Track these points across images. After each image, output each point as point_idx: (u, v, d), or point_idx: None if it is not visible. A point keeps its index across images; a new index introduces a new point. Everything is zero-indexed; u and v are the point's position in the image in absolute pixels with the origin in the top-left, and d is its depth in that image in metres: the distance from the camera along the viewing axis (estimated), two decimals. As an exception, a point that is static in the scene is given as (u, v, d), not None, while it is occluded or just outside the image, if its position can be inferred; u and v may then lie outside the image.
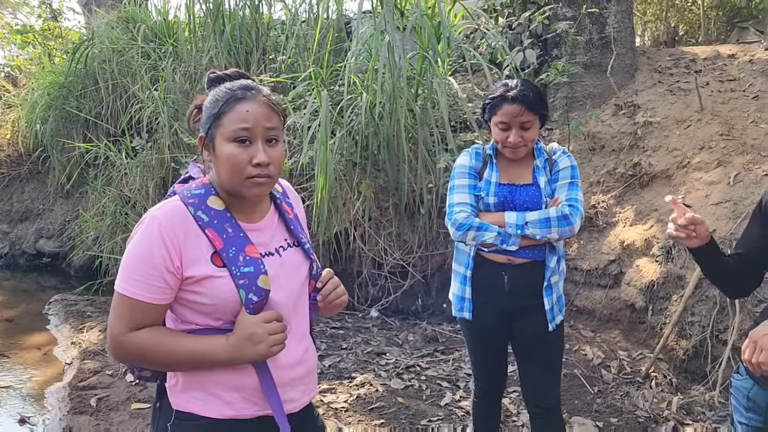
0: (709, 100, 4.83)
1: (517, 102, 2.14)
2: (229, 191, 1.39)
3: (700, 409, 3.29)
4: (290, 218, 1.52)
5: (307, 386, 1.50)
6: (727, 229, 3.68)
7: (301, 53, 5.74)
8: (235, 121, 1.33)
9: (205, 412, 1.38)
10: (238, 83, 1.40)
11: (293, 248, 1.49)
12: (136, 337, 1.32)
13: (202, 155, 1.44)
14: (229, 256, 1.34)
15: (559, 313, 2.29)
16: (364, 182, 4.83)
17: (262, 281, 1.35)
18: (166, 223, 1.32)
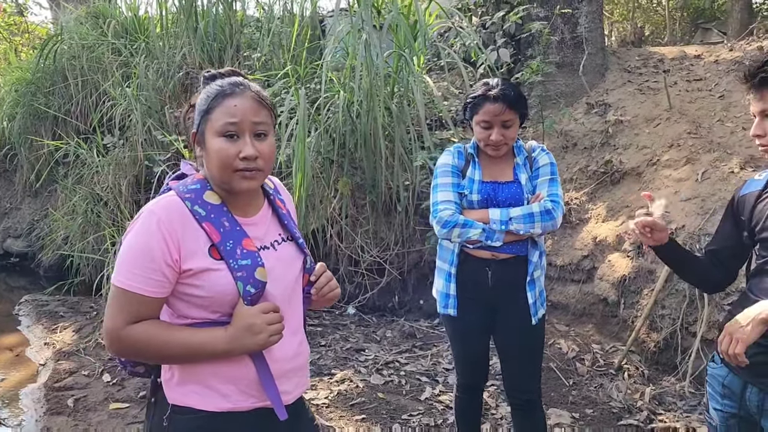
0: (677, 99, 4.96)
1: (499, 101, 2.19)
2: (221, 185, 1.41)
3: (672, 399, 3.40)
4: (284, 213, 1.54)
5: (300, 379, 1.53)
6: (695, 224, 3.80)
7: (276, 51, 5.72)
8: (223, 115, 1.36)
9: (201, 405, 1.39)
10: (228, 80, 1.42)
11: (287, 242, 1.52)
12: (134, 331, 1.33)
13: (193, 151, 1.45)
14: (226, 249, 1.36)
15: (541, 307, 2.35)
16: (341, 180, 4.84)
17: (259, 273, 1.37)
18: (164, 218, 1.34)
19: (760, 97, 1.59)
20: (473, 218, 2.23)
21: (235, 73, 1.46)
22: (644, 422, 3.16)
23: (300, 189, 4.46)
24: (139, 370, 1.52)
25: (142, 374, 1.53)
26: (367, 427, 3.12)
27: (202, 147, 1.41)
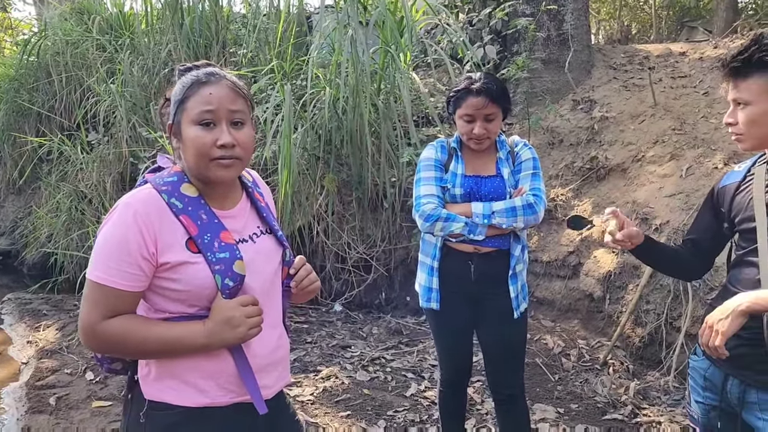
0: (662, 95, 4.99)
1: (481, 95, 2.19)
2: (198, 176, 1.39)
3: (656, 393, 3.41)
4: (262, 206, 1.53)
5: (280, 373, 1.51)
6: (680, 220, 3.82)
7: (263, 47, 5.69)
8: (199, 104, 1.34)
9: (178, 401, 1.37)
10: (203, 70, 1.41)
11: (266, 235, 1.50)
12: (110, 325, 1.31)
13: (170, 143, 1.43)
14: (204, 242, 1.35)
15: (524, 301, 2.35)
16: (327, 176, 4.83)
17: (237, 267, 1.36)
18: (141, 210, 1.31)
19: (734, 86, 1.60)
20: (456, 212, 2.22)
21: (210, 65, 1.44)
22: (628, 417, 3.17)
23: (286, 186, 4.44)
24: (116, 367, 1.50)
25: (119, 371, 1.51)
26: (352, 423, 3.11)
27: (178, 138, 1.39)
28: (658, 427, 3.04)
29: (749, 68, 1.55)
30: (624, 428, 3.07)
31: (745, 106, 1.57)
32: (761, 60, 1.52)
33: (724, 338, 1.50)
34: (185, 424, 1.38)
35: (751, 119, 1.56)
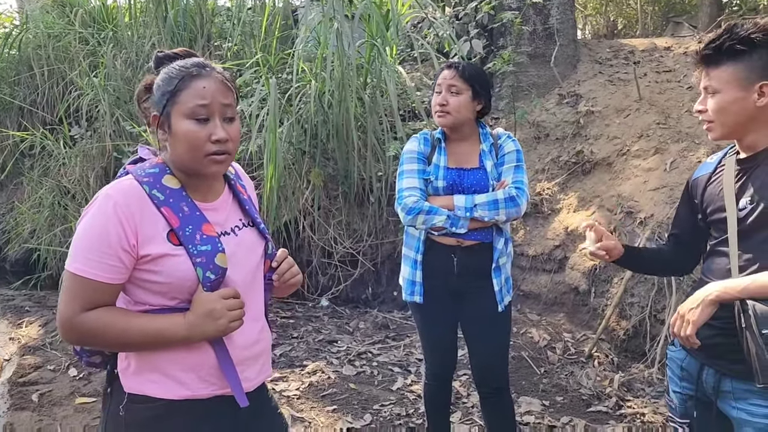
0: (647, 90, 5.01)
1: (451, 68, 2.29)
2: (186, 169, 1.38)
3: (640, 385, 3.44)
4: (245, 198, 1.52)
5: (262, 366, 1.50)
6: (664, 213, 3.84)
7: (248, 40, 5.65)
8: (193, 97, 1.32)
9: (159, 393, 1.36)
10: (191, 61, 1.38)
11: (248, 228, 1.49)
12: (88, 318, 1.30)
13: (156, 134, 1.41)
14: (185, 234, 1.33)
15: (508, 294, 2.35)
16: (313, 171, 4.80)
17: (219, 259, 1.34)
18: (121, 201, 1.30)
19: (705, 74, 1.61)
20: (438, 205, 2.22)
21: (191, 54, 1.42)
22: (613, 408, 3.19)
23: (271, 180, 4.41)
24: (95, 361, 1.48)
25: (99, 365, 1.49)
26: (338, 417, 3.10)
27: (165, 130, 1.37)
28: (642, 418, 3.06)
29: (720, 56, 1.56)
30: (608, 420, 3.09)
31: (715, 94, 1.58)
32: (732, 48, 1.53)
33: (694, 327, 1.52)
34: (166, 416, 1.37)
35: (720, 107, 1.57)
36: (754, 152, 1.59)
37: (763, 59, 1.52)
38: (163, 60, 1.41)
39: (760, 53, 1.52)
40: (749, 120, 1.56)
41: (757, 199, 1.53)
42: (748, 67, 1.52)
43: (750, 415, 1.55)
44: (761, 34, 1.51)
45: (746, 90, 1.53)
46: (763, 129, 1.56)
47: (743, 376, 1.49)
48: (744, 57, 1.53)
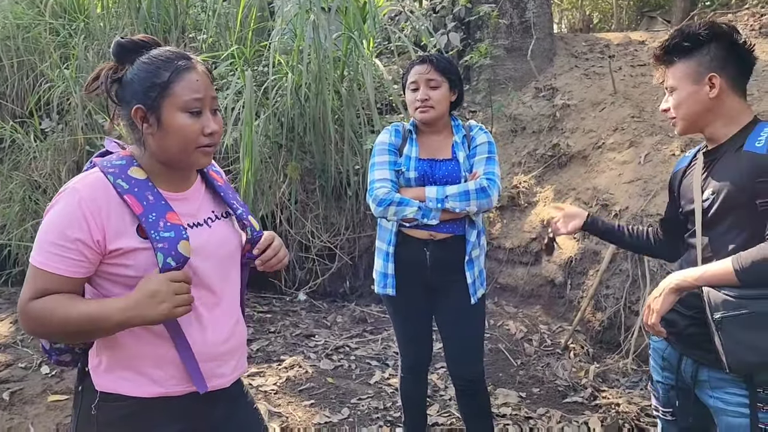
0: (622, 83, 5.05)
1: (425, 62, 2.27)
2: (172, 162, 1.37)
3: (615, 376, 3.48)
4: (220, 185, 1.49)
5: (237, 361, 1.49)
6: (638, 206, 3.89)
7: (223, 32, 5.58)
8: (188, 91, 1.32)
9: (132, 391, 1.34)
10: (173, 51, 1.36)
11: (223, 220, 1.47)
12: (37, 304, 1.27)
13: (133, 127, 1.36)
14: (149, 221, 1.30)
15: (481, 287, 2.35)
16: (290, 164, 4.77)
17: (182, 247, 1.31)
18: (87, 197, 1.27)
19: (665, 74, 1.69)
20: (409, 196, 2.22)
21: (155, 42, 1.38)
22: (588, 399, 3.23)
23: (248, 174, 4.37)
24: (65, 359, 1.45)
25: (68, 363, 1.46)
26: (316, 412, 3.09)
27: (151, 123, 1.33)
28: (617, 408, 3.10)
29: (673, 55, 1.65)
30: (584, 411, 3.12)
31: (673, 91, 1.66)
32: (681, 46, 1.62)
33: (658, 316, 1.57)
34: (139, 414, 1.35)
35: (678, 102, 1.65)
36: (717, 145, 1.65)
37: (710, 53, 1.60)
38: (128, 48, 1.36)
39: (708, 48, 1.60)
40: (706, 112, 1.62)
41: (717, 191, 1.58)
42: (697, 62, 1.61)
43: (725, 403, 1.59)
44: (707, 31, 1.60)
45: (698, 83, 1.60)
46: (719, 120, 1.63)
47: (718, 366, 1.52)
48: (693, 53, 1.61)
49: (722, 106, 1.60)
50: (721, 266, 1.49)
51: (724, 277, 1.47)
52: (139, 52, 1.35)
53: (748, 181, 1.51)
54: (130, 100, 1.34)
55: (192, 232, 1.37)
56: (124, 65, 1.35)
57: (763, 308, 1.41)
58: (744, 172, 1.52)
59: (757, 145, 1.52)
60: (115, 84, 1.36)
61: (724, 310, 1.44)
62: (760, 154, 1.50)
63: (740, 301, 1.43)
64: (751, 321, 1.42)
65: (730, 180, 1.55)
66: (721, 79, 1.58)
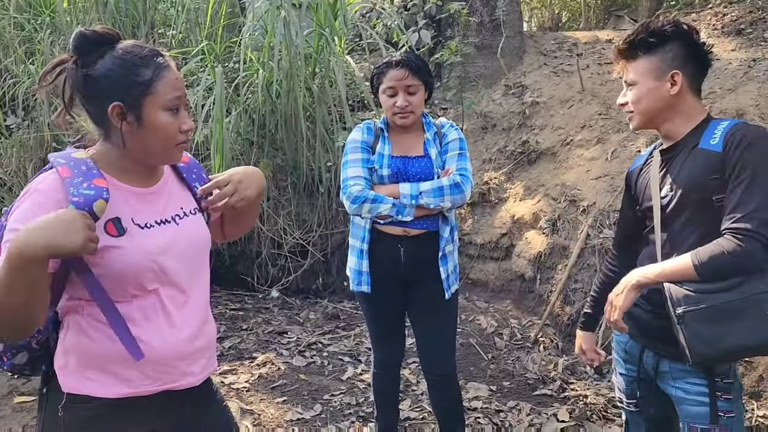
0: (589, 81, 5.14)
1: (401, 66, 2.24)
2: (151, 160, 1.37)
3: (583, 368, 3.55)
4: (183, 166, 1.49)
5: (207, 360, 1.48)
6: (605, 201, 3.96)
7: (193, 28, 5.52)
8: (170, 89, 1.32)
9: (100, 392, 1.32)
10: (148, 48, 1.34)
11: (191, 216, 1.46)
12: None
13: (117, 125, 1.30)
14: (73, 182, 1.26)
15: (455, 282, 2.38)
16: (261, 161, 4.75)
17: (97, 206, 1.24)
18: (51, 196, 1.25)
19: (626, 68, 1.71)
20: (383, 193, 2.23)
21: (118, 35, 1.35)
22: (557, 391, 3.29)
23: (219, 171, 4.34)
24: (20, 361, 1.39)
25: (25, 366, 1.40)
26: (288, 408, 3.10)
27: (129, 121, 1.30)
28: (585, 400, 3.17)
29: (636, 50, 1.66)
30: (553, 403, 3.18)
31: (633, 86, 1.68)
32: (646, 41, 1.64)
33: (620, 312, 1.59)
34: (107, 416, 1.34)
35: (637, 97, 1.67)
36: (673, 142, 1.68)
37: (674, 50, 1.63)
38: (94, 40, 1.31)
39: (672, 45, 1.63)
40: (665, 108, 1.65)
41: (674, 188, 1.62)
42: (661, 59, 1.63)
43: (686, 393, 1.64)
44: (671, 28, 1.62)
45: (660, 80, 1.63)
46: (677, 118, 1.66)
47: (678, 357, 1.57)
48: (657, 49, 1.63)
49: (681, 103, 1.64)
50: (680, 262, 1.53)
51: (684, 272, 1.51)
52: (103, 45, 1.31)
53: (703, 178, 1.55)
54: (104, 97, 1.30)
55: (159, 230, 1.36)
56: (89, 58, 1.30)
57: (721, 302, 1.45)
58: (699, 169, 1.56)
59: (712, 143, 1.56)
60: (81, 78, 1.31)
61: (686, 305, 1.48)
62: (715, 152, 1.54)
63: (699, 295, 1.47)
64: (710, 315, 1.46)
65: (686, 177, 1.59)
66: (682, 77, 1.61)
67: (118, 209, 1.32)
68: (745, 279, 1.45)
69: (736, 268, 1.45)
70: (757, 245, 1.43)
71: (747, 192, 1.47)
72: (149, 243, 1.34)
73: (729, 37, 5.17)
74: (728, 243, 1.46)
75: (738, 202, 1.48)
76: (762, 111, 4.03)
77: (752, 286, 1.45)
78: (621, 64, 1.72)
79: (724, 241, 1.47)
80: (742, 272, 1.45)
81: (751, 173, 1.48)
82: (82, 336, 1.33)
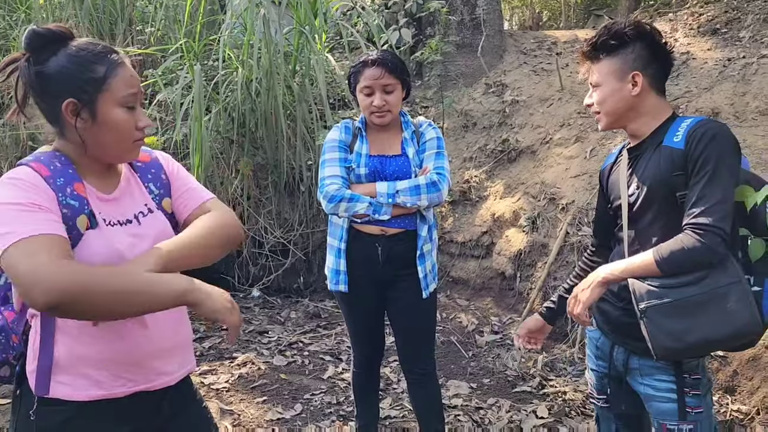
0: (569, 80, 5.18)
1: (377, 65, 2.23)
2: (108, 158, 1.35)
3: (562, 365, 3.58)
4: (141, 166, 1.47)
5: (184, 358, 1.47)
6: (584, 199, 4.00)
7: (171, 25, 5.47)
8: (126, 86, 1.31)
9: (71, 395, 1.30)
10: (103, 45, 1.33)
11: (155, 213, 1.44)
12: (73, 265, 1.17)
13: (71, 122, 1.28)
14: (57, 183, 1.26)
15: (433, 281, 2.39)
16: (242, 160, 4.72)
17: (80, 221, 1.27)
18: (28, 180, 1.23)
19: (591, 70, 1.73)
20: (360, 192, 2.23)
21: (70, 33, 1.32)
22: (537, 388, 3.31)
23: (198, 170, 4.31)
24: (4, 374, 1.38)
25: (8, 378, 1.38)
26: (268, 408, 3.09)
27: (84, 118, 1.28)
28: (564, 396, 3.19)
29: (599, 52, 1.69)
30: (532, 399, 3.20)
31: (598, 87, 1.70)
32: (607, 44, 1.66)
33: (584, 307, 1.63)
34: (80, 418, 1.32)
35: (602, 98, 1.69)
36: (639, 141, 1.71)
37: (635, 52, 1.65)
38: (47, 37, 1.28)
39: (633, 47, 1.65)
40: (628, 108, 1.67)
41: (640, 186, 1.65)
42: (622, 60, 1.65)
43: (655, 389, 1.66)
44: (632, 30, 1.65)
45: (622, 81, 1.65)
46: (641, 117, 1.68)
47: (648, 354, 1.58)
48: (618, 51, 1.66)
49: (643, 103, 1.66)
50: (643, 258, 1.55)
51: (647, 268, 1.53)
52: (56, 42, 1.30)
53: (667, 175, 1.58)
54: (57, 94, 1.28)
55: (123, 229, 1.35)
56: (41, 56, 1.28)
57: (683, 296, 1.48)
58: (663, 166, 1.59)
59: (675, 140, 1.58)
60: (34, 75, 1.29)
61: (648, 300, 1.50)
62: (677, 149, 1.57)
63: (662, 290, 1.50)
64: (673, 309, 1.48)
65: (651, 174, 1.62)
66: (643, 78, 1.63)
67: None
68: (707, 273, 1.48)
69: (697, 262, 1.48)
70: (717, 239, 1.45)
71: (707, 187, 1.49)
72: (115, 239, 1.33)
73: (705, 36, 5.24)
74: (688, 238, 1.48)
75: (699, 196, 1.50)
76: (737, 110, 4.09)
77: (714, 280, 1.47)
78: (585, 66, 1.75)
79: (684, 236, 1.49)
80: (704, 266, 1.48)
81: (712, 168, 1.50)
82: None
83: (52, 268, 1.12)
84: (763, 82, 4.25)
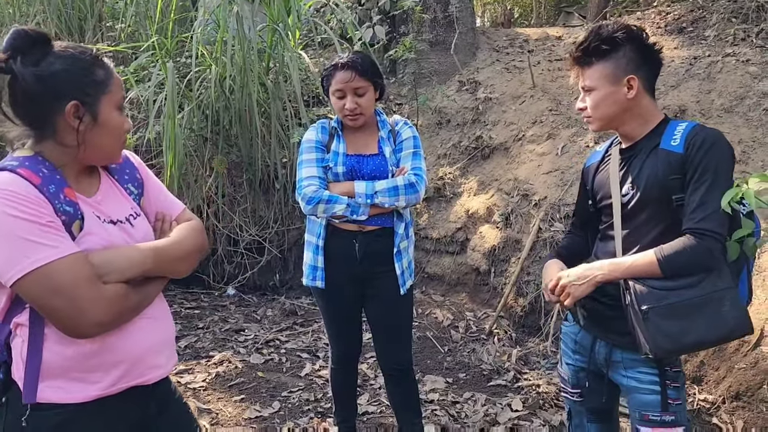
0: (540, 78, 5.26)
1: (347, 68, 2.25)
2: (97, 159, 1.38)
3: (536, 358, 3.65)
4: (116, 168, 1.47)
5: (170, 352, 1.50)
6: (556, 195, 4.07)
7: (142, 21, 5.40)
8: (119, 89, 1.37)
9: (65, 398, 1.29)
10: (90, 48, 1.35)
11: (142, 216, 1.46)
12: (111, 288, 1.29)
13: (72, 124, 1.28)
14: (50, 191, 1.25)
15: (410, 278, 2.42)
16: (216, 158, 4.70)
17: (75, 227, 1.29)
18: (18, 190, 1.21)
19: (581, 74, 1.75)
20: (338, 191, 2.25)
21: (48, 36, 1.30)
22: (511, 382, 3.37)
23: (172, 168, 4.28)
24: None
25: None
26: (246, 406, 3.09)
27: (84, 120, 1.29)
28: (537, 389, 3.26)
29: (590, 57, 1.70)
30: (507, 393, 3.26)
31: (591, 91, 1.72)
32: (599, 48, 1.68)
33: (573, 300, 1.68)
34: (76, 420, 1.31)
35: (596, 103, 1.71)
36: (633, 142, 1.74)
37: (627, 55, 1.67)
38: (37, 40, 1.27)
39: (624, 50, 1.67)
40: (623, 112, 1.70)
41: (636, 186, 1.68)
42: (615, 64, 1.67)
43: (638, 382, 1.71)
44: (623, 33, 1.66)
45: (616, 85, 1.67)
46: (636, 120, 1.72)
47: (631, 347, 1.64)
48: (611, 55, 1.67)
49: (638, 106, 1.69)
50: (644, 258, 1.59)
51: (648, 269, 1.58)
52: (42, 44, 1.28)
53: (664, 178, 1.62)
54: (59, 96, 1.27)
55: (118, 228, 1.36)
56: (30, 57, 1.25)
57: (683, 299, 1.53)
58: (660, 169, 1.63)
59: (673, 144, 1.62)
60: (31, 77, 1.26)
61: (650, 302, 1.54)
62: (676, 153, 1.61)
63: (662, 292, 1.54)
64: (672, 311, 1.53)
65: (647, 176, 1.65)
66: (638, 81, 1.66)
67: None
68: (705, 276, 1.53)
69: (698, 265, 1.53)
70: (717, 245, 1.52)
71: (708, 193, 1.54)
72: (113, 236, 1.35)
73: (672, 35, 5.35)
74: (690, 241, 1.53)
75: (700, 202, 1.55)
76: (702, 107, 4.20)
77: (711, 284, 1.53)
78: (576, 71, 1.75)
79: (686, 239, 1.55)
80: (703, 269, 1.53)
81: (712, 176, 1.55)
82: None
83: (93, 296, 1.24)
84: (728, 80, 4.37)
